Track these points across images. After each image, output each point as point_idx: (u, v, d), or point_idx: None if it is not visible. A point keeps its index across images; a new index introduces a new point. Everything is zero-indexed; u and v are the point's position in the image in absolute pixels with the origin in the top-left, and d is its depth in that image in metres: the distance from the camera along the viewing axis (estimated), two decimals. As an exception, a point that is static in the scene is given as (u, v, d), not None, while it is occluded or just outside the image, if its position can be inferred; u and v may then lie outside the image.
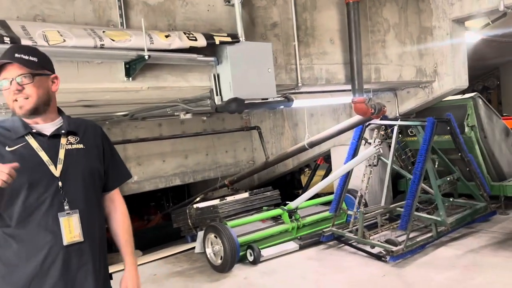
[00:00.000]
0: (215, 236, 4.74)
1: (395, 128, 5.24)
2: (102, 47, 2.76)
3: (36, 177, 1.59)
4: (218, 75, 3.46)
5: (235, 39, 3.40)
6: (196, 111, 4.94)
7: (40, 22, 2.72)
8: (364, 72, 4.45)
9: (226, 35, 3.40)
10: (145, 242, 6.89)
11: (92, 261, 1.69)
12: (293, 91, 4.19)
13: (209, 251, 4.85)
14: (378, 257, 4.53)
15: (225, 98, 3.45)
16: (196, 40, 3.19)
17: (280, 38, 3.99)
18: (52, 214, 1.60)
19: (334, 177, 5.42)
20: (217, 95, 3.46)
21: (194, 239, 5.84)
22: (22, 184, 1.56)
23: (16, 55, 1.60)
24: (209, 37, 3.27)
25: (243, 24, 3.48)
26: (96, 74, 2.98)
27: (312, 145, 5.76)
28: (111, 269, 1.91)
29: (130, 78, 3.06)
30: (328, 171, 7.12)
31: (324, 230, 5.29)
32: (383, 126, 5.37)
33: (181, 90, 3.56)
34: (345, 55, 4.49)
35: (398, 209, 5.34)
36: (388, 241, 4.61)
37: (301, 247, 5.09)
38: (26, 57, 1.61)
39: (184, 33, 3.17)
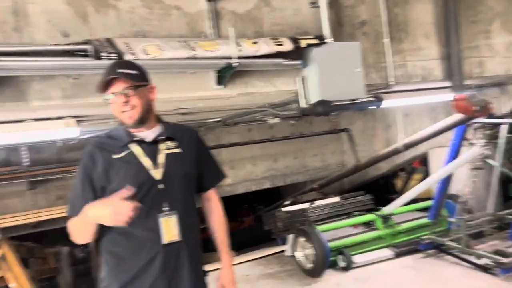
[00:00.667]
0: (305, 240, 4.71)
1: (504, 127, 4.73)
2: (195, 57, 2.94)
3: (140, 181, 1.71)
4: (304, 78, 3.45)
5: (321, 40, 3.37)
6: (284, 115, 4.99)
7: (140, 38, 2.97)
8: (464, 66, 4.10)
9: (312, 37, 3.39)
10: (238, 243, 7.12)
11: (189, 259, 1.78)
12: (384, 90, 4.02)
13: (299, 254, 4.84)
14: (484, 268, 4.11)
15: (312, 101, 3.42)
16: (282, 44, 3.23)
17: (369, 36, 3.86)
18: (153, 214, 1.72)
19: (432, 181, 5.06)
20: (303, 98, 3.45)
21: (284, 242, 5.88)
22: (122, 189, 1.69)
23: (118, 70, 1.75)
24: (295, 40, 3.29)
25: (330, 25, 3.43)
26: (190, 83, 3.17)
27: (407, 147, 5.45)
28: (207, 267, 2.00)
29: (221, 86, 3.20)
30: (426, 174, 6.66)
31: (422, 237, 4.95)
32: (489, 125, 4.87)
33: (269, 95, 3.62)
34: (442, 50, 4.19)
35: (509, 216, 4.80)
36: (497, 252, 4.16)
37: (397, 255, 4.83)
38: (128, 71, 1.75)
39: (271, 39, 3.23)
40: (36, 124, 3.22)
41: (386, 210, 5.11)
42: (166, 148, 1.80)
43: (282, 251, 5.61)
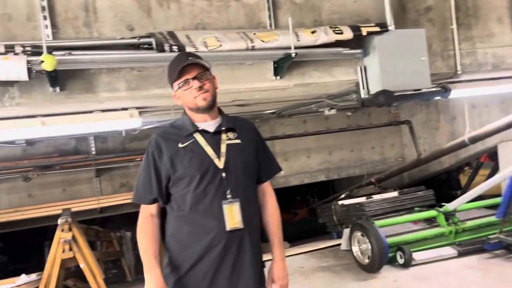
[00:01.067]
0: (362, 235, 4.60)
1: None
2: (253, 48, 2.94)
3: (204, 169, 1.76)
4: (364, 68, 3.34)
5: (383, 28, 3.24)
6: (341, 106, 4.88)
7: (200, 30, 3.02)
8: (543, 53, 3.77)
9: (373, 25, 3.26)
10: (292, 235, 7.11)
11: (250, 246, 1.80)
12: (451, 80, 3.79)
13: (355, 249, 4.74)
14: (562, 273, 3.79)
15: (372, 91, 3.31)
16: (342, 33, 3.14)
17: (435, 23, 3.65)
18: (217, 202, 1.76)
19: (502, 177, 4.72)
20: (363, 88, 3.35)
21: (339, 236, 5.79)
22: (194, 176, 1.76)
23: (190, 58, 1.83)
24: (355, 28, 3.19)
25: (392, 12, 3.29)
26: (248, 75, 3.18)
27: (474, 140, 5.12)
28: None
29: (278, 77, 3.18)
30: (494, 170, 6.23)
31: (490, 237, 4.64)
32: None
33: (326, 86, 3.55)
34: (517, 36, 3.87)
35: None
36: None
37: (460, 254, 4.58)
38: (199, 60, 1.82)
39: (330, 27, 3.16)
40: (103, 115, 3.40)
41: (449, 206, 4.84)
42: (227, 139, 1.84)
43: (338, 244, 5.53)
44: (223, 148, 1.82)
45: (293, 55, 2.95)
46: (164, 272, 1.81)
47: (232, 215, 1.75)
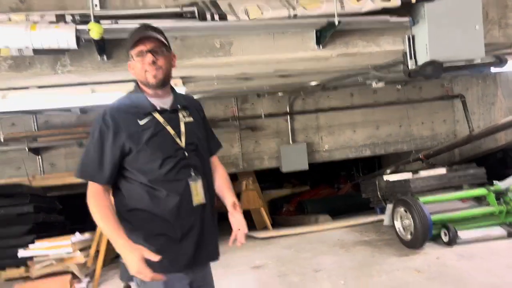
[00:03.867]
0: (405, 210, 4.50)
1: None
2: (295, 16, 2.88)
3: (167, 149, 1.77)
4: (413, 37, 3.19)
5: (435, -6, 3.05)
6: (389, 78, 4.70)
7: (242, -2, 2.99)
8: None
9: (424, -10, 3.08)
10: (334, 209, 7.09)
11: (212, 219, 1.88)
12: (509, 50, 3.53)
13: (398, 225, 4.65)
14: None
15: (420, 62, 3.16)
16: (389, 0, 3.00)
17: (494, -12, 3.38)
18: (182, 179, 1.78)
19: None
20: (410, 59, 3.20)
21: (383, 212, 5.70)
22: (156, 154, 1.74)
23: (149, 31, 1.76)
24: (404, -5, 3.03)
25: (446, -24, 3.08)
26: (289, 44, 3.14)
27: (534, 116, 4.78)
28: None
29: (321, 46, 3.11)
30: (556, 149, 5.81)
31: (544, 218, 4.39)
32: None
33: (372, 56, 3.43)
34: None
35: None
36: None
37: (510, 235, 4.37)
38: (158, 35, 1.76)
39: (377, -6, 3.02)
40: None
41: (502, 185, 4.61)
42: (183, 117, 1.85)
43: (380, 220, 5.46)
44: (182, 127, 1.83)
45: (336, 23, 2.86)
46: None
47: (197, 192, 1.80)
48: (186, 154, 1.81)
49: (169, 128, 1.79)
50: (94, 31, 2.47)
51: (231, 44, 3.06)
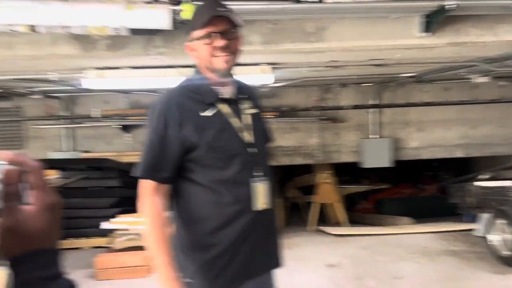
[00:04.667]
0: (505, 223, 4.01)
1: None
2: (400, -1, 2.60)
3: (232, 145, 1.55)
4: (542, 25, 2.72)
5: None
6: (497, 73, 4.17)
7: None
8: None
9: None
10: (417, 211, 6.62)
11: (274, 225, 1.69)
12: None
13: (494, 238, 4.17)
14: None
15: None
16: (516, -19, 2.57)
17: None
18: (248, 180, 1.56)
19: None
20: (536, 51, 2.75)
21: (473, 220, 5.16)
22: (220, 151, 1.52)
23: (221, 9, 1.47)
24: (536, -25, 2.58)
25: None
26: (390, 30, 2.85)
27: None
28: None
29: (428, 33, 2.78)
30: None
31: None
32: None
33: (485, 47, 3.02)
34: None
35: None
36: None
37: None
38: (231, 14, 1.48)
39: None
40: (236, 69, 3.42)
41: None
42: (248, 108, 1.61)
43: (471, 229, 4.95)
44: (247, 119, 1.59)
45: (450, 7, 2.52)
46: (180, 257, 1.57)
47: (261, 195, 1.58)
48: (252, 150, 1.58)
49: (234, 121, 1.56)
50: (187, 11, 2.41)
51: (325, 29, 2.85)
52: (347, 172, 7.92)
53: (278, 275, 1.76)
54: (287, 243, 5.03)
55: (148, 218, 1.52)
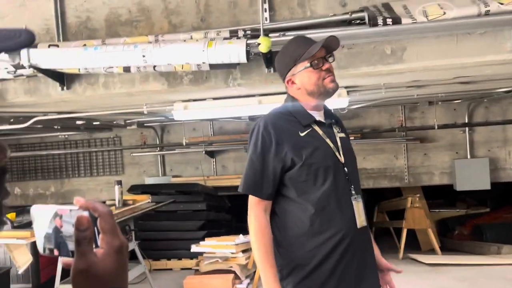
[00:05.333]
0: None
1: None
2: (487, 13, 2.43)
3: (329, 163, 1.64)
4: None
5: None
6: None
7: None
8: None
9: None
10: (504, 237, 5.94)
11: (370, 244, 1.74)
12: None
13: None
14: None
15: None
16: None
17: None
18: (344, 198, 1.65)
19: None
20: None
21: None
22: (319, 169, 1.62)
23: (330, 40, 1.68)
24: None
25: None
26: (477, 46, 2.67)
27: None
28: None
29: (521, 47, 2.55)
30: None
31: None
32: None
33: None
34: None
35: None
36: None
37: None
38: (334, 40, 1.68)
39: None
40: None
41: None
42: (337, 131, 1.76)
43: None
44: (339, 142, 1.70)
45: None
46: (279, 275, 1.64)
47: (359, 212, 1.66)
48: (346, 170, 1.67)
49: (328, 142, 1.68)
50: (263, 45, 2.51)
51: (404, 50, 2.75)
52: (440, 195, 7.37)
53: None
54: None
55: (253, 234, 1.64)
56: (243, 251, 4.61)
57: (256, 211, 1.64)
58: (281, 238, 1.66)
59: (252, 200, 1.66)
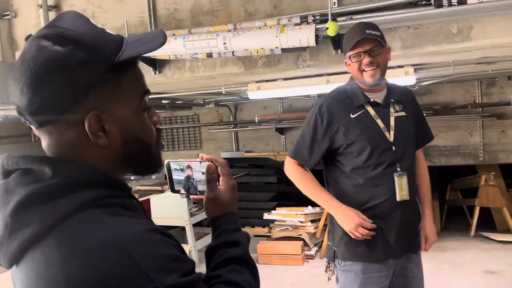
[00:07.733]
0: None
1: None
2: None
3: (376, 142, 1.86)
4: None
5: None
6: None
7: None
8: None
9: None
10: None
11: (413, 215, 1.98)
12: None
13: None
14: None
15: None
16: None
17: None
18: (388, 174, 1.87)
19: None
20: None
21: None
22: (365, 147, 1.86)
23: (367, 31, 1.83)
24: None
25: None
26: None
27: None
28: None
29: None
30: None
31: None
32: None
33: None
34: None
35: None
36: None
37: None
38: (375, 32, 1.83)
39: None
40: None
41: None
42: (395, 111, 1.92)
43: None
44: (392, 121, 1.88)
45: None
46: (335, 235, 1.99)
47: (402, 188, 1.86)
48: (394, 148, 1.88)
49: (379, 122, 1.89)
50: (331, 29, 2.73)
51: (470, 28, 2.81)
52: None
53: (430, 277, 2.13)
54: (441, 246, 4.93)
55: (296, 177, 2.01)
56: (312, 221, 4.93)
57: (297, 171, 2.00)
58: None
59: (290, 161, 2.02)
